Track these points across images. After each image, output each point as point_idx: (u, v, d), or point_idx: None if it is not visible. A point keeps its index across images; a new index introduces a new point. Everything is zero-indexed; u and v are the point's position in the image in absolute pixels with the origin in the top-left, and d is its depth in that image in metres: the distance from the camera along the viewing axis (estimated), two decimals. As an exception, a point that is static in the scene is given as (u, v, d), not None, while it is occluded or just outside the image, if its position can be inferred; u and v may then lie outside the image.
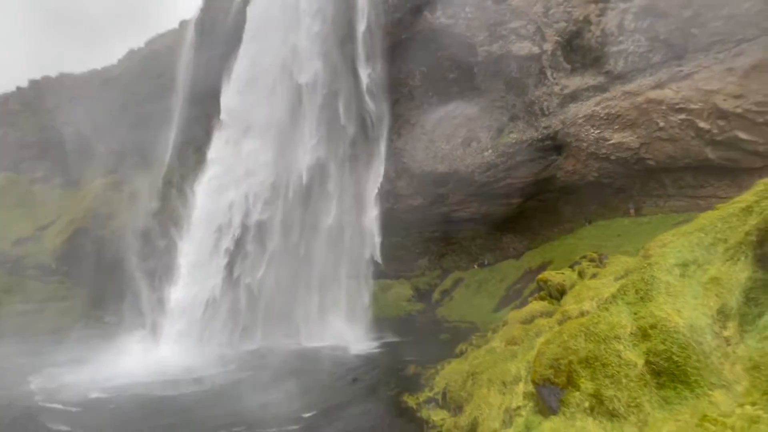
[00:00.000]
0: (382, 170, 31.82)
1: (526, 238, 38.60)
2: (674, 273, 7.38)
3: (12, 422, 13.38)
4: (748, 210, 7.27)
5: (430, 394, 13.18)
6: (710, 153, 22.69)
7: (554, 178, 32.35)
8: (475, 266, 40.16)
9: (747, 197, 7.69)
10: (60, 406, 14.32)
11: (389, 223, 43.21)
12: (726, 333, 5.67)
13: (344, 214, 30.31)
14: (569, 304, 11.88)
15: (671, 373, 5.81)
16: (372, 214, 29.75)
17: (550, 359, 8.31)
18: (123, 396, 15.03)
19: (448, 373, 13.26)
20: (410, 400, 13.06)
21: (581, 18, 24.42)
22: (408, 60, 33.17)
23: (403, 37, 32.10)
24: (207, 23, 42.91)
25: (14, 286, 38.19)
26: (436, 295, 38.59)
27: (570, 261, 22.55)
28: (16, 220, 47.73)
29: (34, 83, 66.68)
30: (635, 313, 7.33)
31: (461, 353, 16.58)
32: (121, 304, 28.70)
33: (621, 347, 7.02)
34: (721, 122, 21.51)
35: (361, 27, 30.62)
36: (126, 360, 19.89)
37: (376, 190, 30.62)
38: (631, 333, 7.03)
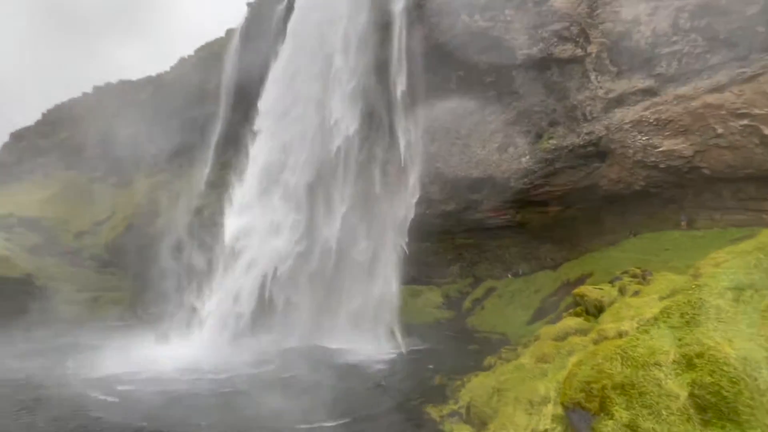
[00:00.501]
0: (407, 229, 30.48)
1: (564, 248, 36.81)
2: (726, 297, 6.67)
3: (59, 403, 14.48)
4: (818, 230, 6.45)
5: (455, 407, 12.79)
6: (777, 162, 20.59)
7: (596, 186, 30.66)
8: (509, 276, 38.82)
9: (818, 215, 6.84)
10: (96, 394, 15.27)
11: (421, 228, 42.86)
12: (787, 369, 5.01)
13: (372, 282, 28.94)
14: (607, 323, 11.12)
15: (719, 409, 5.22)
16: (393, 288, 27.58)
17: (582, 382, 7.77)
18: (152, 391, 15.70)
19: (474, 387, 12.82)
20: (434, 412, 12.75)
21: (630, 18, 23.04)
22: (445, 64, 32.81)
23: (440, 41, 31.80)
24: (251, 30, 44.85)
25: (73, 276, 41.58)
26: (467, 304, 37.69)
27: (611, 275, 21.18)
28: (77, 215, 52.05)
29: (97, 89, 72.81)
30: (679, 339, 6.68)
31: (489, 366, 16.02)
32: (162, 297, 30.39)
33: (662, 375, 6.42)
34: (790, 129, 19.48)
35: (401, 86, 29.42)
36: (161, 353, 20.96)
37: (397, 256, 28.91)
38: (674, 361, 6.41)
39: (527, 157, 31.51)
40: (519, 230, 38.12)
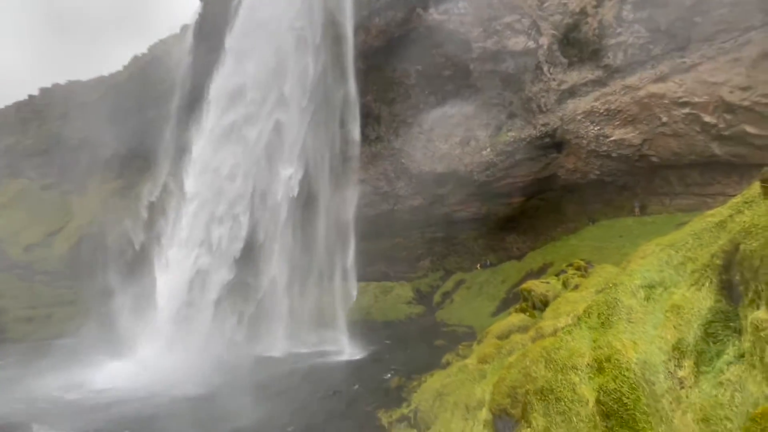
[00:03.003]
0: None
1: (529, 237, 37.54)
2: (639, 296, 6.66)
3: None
4: (721, 225, 6.49)
5: (405, 411, 12.66)
6: (717, 149, 21.41)
7: (555, 176, 31.27)
8: (478, 267, 39.26)
9: (722, 210, 6.90)
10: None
11: (390, 224, 42.69)
12: (681, 373, 4.98)
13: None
14: (547, 319, 11.18)
15: (620, 416, 5.16)
16: (351, 288, 27.69)
17: (509, 387, 7.69)
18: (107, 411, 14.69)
19: (425, 389, 12.71)
20: (384, 418, 12.58)
21: (577, 10, 23.35)
22: (403, 58, 32.45)
23: (397, 35, 31.40)
24: (205, 28, 42.91)
25: (23, 292, 39.07)
26: (437, 298, 37.87)
27: (570, 263, 21.67)
28: (27, 226, 48.92)
29: (44, 91, 68.21)
30: (594, 341, 6.65)
31: (447, 364, 15.98)
32: (119, 310, 28.93)
33: (577, 380, 6.37)
34: (727, 116, 20.25)
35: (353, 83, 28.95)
36: (112, 370, 19.87)
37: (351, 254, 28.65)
38: (588, 364, 6.37)
39: (488, 149, 31.73)
40: (485, 222, 38.51)
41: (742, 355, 4.48)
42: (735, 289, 5.07)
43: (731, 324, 4.86)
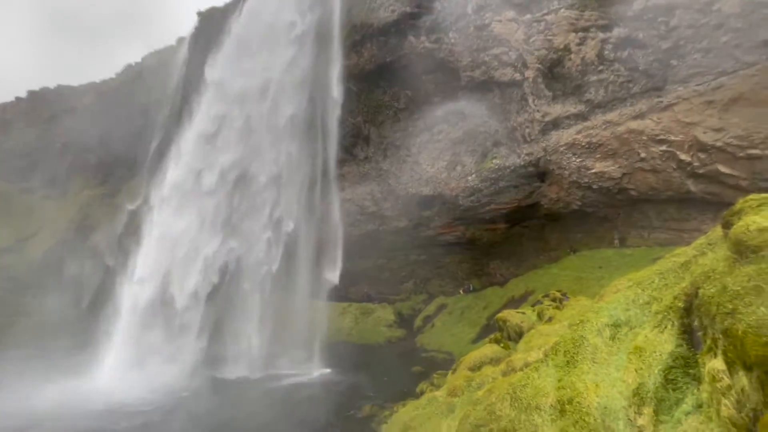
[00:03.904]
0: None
1: (512, 264, 37.61)
2: (605, 335, 6.54)
3: None
4: (686, 266, 6.48)
5: (373, 444, 12.12)
6: (692, 186, 21.99)
7: (539, 205, 31.65)
8: (461, 292, 39.03)
9: (688, 250, 6.92)
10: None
11: (375, 244, 42.44)
12: (640, 421, 4.80)
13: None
14: (519, 352, 10.98)
15: (578, 465, 4.93)
16: (323, 309, 27.18)
17: (473, 425, 7.39)
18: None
19: (394, 422, 12.24)
20: (350, 451, 11.99)
21: (561, 46, 24.20)
22: (393, 82, 33.06)
23: (388, 60, 32.06)
24: (200, 41, 43.30)
25: (-14, 299, 37.22)
26: (418, 322, 37.33)
27: (547, 293, 21.63)
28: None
29: (32, 94, 67.33)
30: (559, 380, 6.46)
31: (421, 393, 15.51)
32: (81, 325, 27.65)
33: (540, 420, 6.14)
34: (701, 155, 20.90)
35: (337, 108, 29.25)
36: (63, 390, 18.61)
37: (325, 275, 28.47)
38: (551, 405, 6.15)
39: (473, 175, 32.07)
40: (470, 246, 38.58)
41: (700, 406, 4.35)
42: (695, 334, 4.99)
43: (690, 371, 4.75)
